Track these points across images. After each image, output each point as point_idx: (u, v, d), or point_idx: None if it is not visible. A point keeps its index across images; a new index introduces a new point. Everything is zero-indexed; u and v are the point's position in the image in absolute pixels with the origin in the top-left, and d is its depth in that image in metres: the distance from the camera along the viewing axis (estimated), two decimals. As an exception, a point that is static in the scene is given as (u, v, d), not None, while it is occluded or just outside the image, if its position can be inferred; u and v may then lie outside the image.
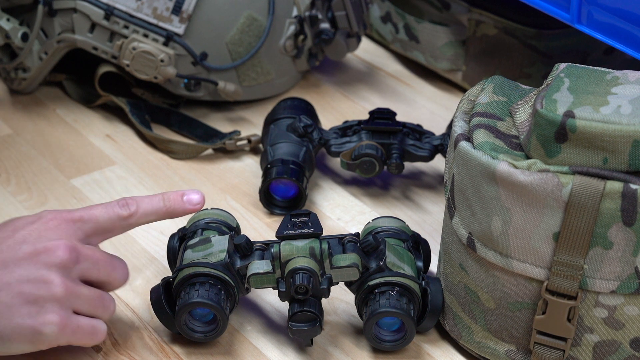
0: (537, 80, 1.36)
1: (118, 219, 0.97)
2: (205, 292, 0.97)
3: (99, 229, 0.97)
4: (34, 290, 0.91)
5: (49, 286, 0.91)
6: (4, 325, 0.91)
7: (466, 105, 0.99)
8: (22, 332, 0.91)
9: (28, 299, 0.91)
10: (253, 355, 1.01)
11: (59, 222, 0.95)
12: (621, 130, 0.87)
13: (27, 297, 0.91)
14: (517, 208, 0.91)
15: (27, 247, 0.92)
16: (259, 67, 1.34)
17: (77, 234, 0.95)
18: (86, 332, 0.94)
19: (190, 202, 0.99)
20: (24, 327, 0.91)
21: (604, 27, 1.15)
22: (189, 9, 1.27)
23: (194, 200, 0.99)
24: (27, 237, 0.93)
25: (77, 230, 0.95)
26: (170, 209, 0.99)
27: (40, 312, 0.91)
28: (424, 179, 1.26)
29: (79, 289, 0.93)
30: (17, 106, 1.36)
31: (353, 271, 0.98)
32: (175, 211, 0.99)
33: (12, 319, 0.91)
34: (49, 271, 0.92)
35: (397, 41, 1.46)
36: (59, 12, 1.28)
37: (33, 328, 0.91)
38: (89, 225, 0.96)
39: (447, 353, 1.02)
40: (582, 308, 0.93)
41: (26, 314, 0.91)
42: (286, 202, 1.19)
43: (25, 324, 0.91)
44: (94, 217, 0.96)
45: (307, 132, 1.20)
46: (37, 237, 0.93)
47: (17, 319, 0.91)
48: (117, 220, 0.97)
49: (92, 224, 0.96)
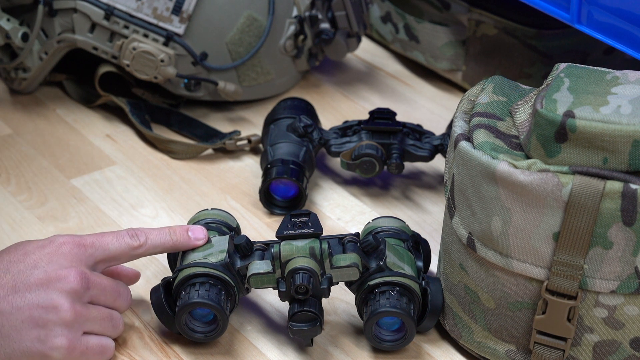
0: (537, 80, 1.36)
1: (127, 248, 0.99)
2: (206, 292, 0.97)
3: (108, 256, 0.99)
4: (44, 315, 0.93)
5: (59, 311, 0.93)
6: (13, 349, 0.92)
7: (466, 105, 0.99)
8: (31, 355, 0.93)
9: (37, 323, 0.92)
10: (253, 355, 1.01)
11: (71, 247, 0.97)
12: (621, 130, 0.87)
13: (36, 321, 0.92)
14: (517, 208, 0.91)
15: (39, 273, 0.94)
16: (259, 67, 1.34)
17: (87, 261, 0.97)
18: (95, 352, 0.96)
19: (195, 238, 1.02)
20: (33, 351, 0.93)
21: (604, 27, 1.15)
22: (189, 9, 1.27)
23: (198, 237, 1.02)
24: (38, 262, 0.95)
25: (88, 257, 0.97)
26: (176, 243, 1.01)
27: (48, 336, 0.93)
28: (424, 179, 1.26)
29: (88, 311, 0.95)
30: (17, 106, 1.36)
31: (353, 271, 0.98)
32: (181, 246, 1.02)
33: (21, 342, 0.92)
34: (59, 297, 0.93)
35: (397, 41, 1.46)
36: (59, 12, 1.28)
37: (41, 352, 0.93)
38: (99, 253, 0.98)
39: (447, 353, 1.02)
40: (582, 308, 0.93)
41: (35, 337, 0.92)
42: (286, 202, 1.19)
43: (34, 348, 0.93)
44: (105, 245, 0.98)
45: (307, 132, 1.20)
46: (48, 262, 0.95)
47: (26, 342, 0.92)
48: (126, 249, 0.99)
49: (102, 251, 0.98)
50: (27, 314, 0.92)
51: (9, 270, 0.94)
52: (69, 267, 0.95)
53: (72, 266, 0.95)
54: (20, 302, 0.93)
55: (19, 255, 0.96)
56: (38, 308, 0.93)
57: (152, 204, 1.20)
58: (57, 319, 0.93)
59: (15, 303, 0.92)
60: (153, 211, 1.19)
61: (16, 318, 0.92)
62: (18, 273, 0.94)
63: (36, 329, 0.92)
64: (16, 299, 0.93)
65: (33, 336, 0.92)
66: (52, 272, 0.94)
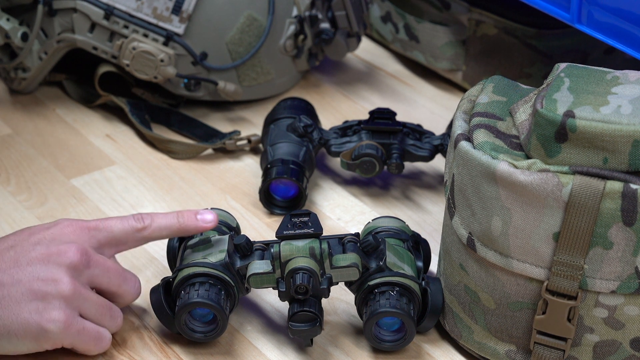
0: (537, 80, 1.36)
1: (132, 231, 0.99)
2: (205, 292, 0.97)
3: (113, 239, 0.99)
4: (43, 287, 0.93)
5: (57, 284, 0.93)
6: (12, 321, 0.93)
7: (466, 105, 0.99)
8: (28, 327, 0.93)
9: (36, 295, 0.93)
10: (253, 355, 1.01)
11: (75, 228, 0.98)
12: (621, 130, 0.87)
13: (35, 293, 0.93)
14: (517, 208, 0.91)
15: (41, 249, 0.95)
16: (259, 67, 1.34)
17: (91, 242, 0.98)
18: (91, 337, 0.96)
19: (203, 220, 1.01)
20: (30, 323, 0.93)
21: (604, 27, 1.15)
22: (189, 8, 1.27)
23: (207, 219, 1.01)
24: (41, 240, 0.96)
25: (91, 238, 0.98)
26: (183, 226, 1.01)
27: (46, 309, 0.93)
28: (424, 179, 1.26)
29: (87, 292, 0.95)
30: (17, 106, 1.36)
31: (353, 271, 0.98)
32: (189, 228, 1.01)
33: (19, 314, 0.93)
34: (59, 270, 0.94)
35: (397, 41, 1.46)
36: (58, 12, 1.28)
37: (38, 324, 0.93)
38: (103, 235, 0.98)
39: (447, 353, 1.02)
40: (582, 308, 0.93)
41: (33, 309, 0.93)
42: (286, 202, 1.19)
43: (32, 319, 0.93)
44: (109, 227, 0.99)
45: (307, 132, 1.20)
46: (51, 239, 0.96)
47: (24, 314, 0.93)
48: (131, 232, 0.99)
49: (107, 233, 0.99)
50: (27, 286, 0.93)
51: (13, 248, 0.96)
52: (70, 243, 0.96)
53: (73, 242, 0.96)
54: (21, 275, 0.93)
55: (24, 235, 0.97)
56: (38, 281, 0.93)
57: (152, 204, 1.20)
58: (56, 292, 0.93)
59: (17, 276, 0.93)
60: (153, 211, 1.18)
61: (16, 290, 0.93)
62: (21, 249, 0.95)
63: (35, 301, 0.93)
64: (17, 272, 0.94)
65: (32, 308, 0.93)
66: (54, 248, 0.95)
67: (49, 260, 0.94)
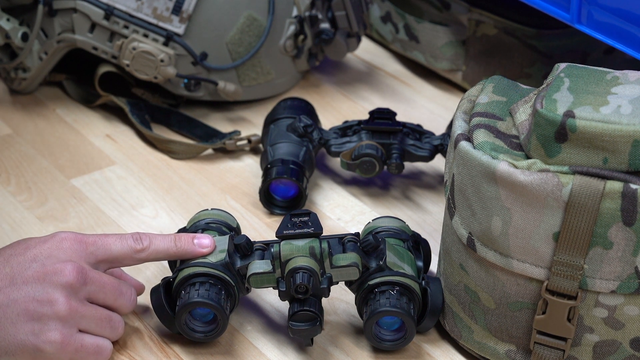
0: (537, 80, 1.36)
1: (130, 251, 0.99)
2: (206, 292, 0.97)
3: (110, 257, 0.99)
4: (39, 308, 0.93)
5: (53, 305, 0.93)
6: (8, 342, 0.93)
7: (466, 105, 0.99)
8: (25, 349, 0.93)
9: (32, 316, 0.93)
10: (253, 355, 1.01)
11: (71, 243, 0.97)
12: (621, 130, 0.87)
13: (31, 314, 0.93)
14: (517, 208, 0.91)
15: (37, 266, 0.94)
16: (259, 67, 1.34)
17: (88, 258, 0.97)
18: (90, 352, 0.96)
19: (200, 245, 1.00)
20: (26, 344, 0.93)
21: (604, 27, 1.15)
22: (189, 9, 1.27)
23: (203, 244, 1.01)
24: (37, 256, 0.95)
25: (89, 255, 0.97)
26: (180, 250, 1.00)
27: (42, 330, 0.93)
28: (424, 179, 1.26)
29: (85, 308, 0.95)
30: (17, 106, 1.36)
31: (353, 270, 0.98)
32: (185, 253, 1.00)
33: (16, 335, 0.93)
34: (55, 290, 0.93)
35: (397, 41, 1.46)
36: (59, 12, 1.28)
37: (35, 346, 0.93)
38: (101, 252, 0.98)
39: (447, 353, 1.02)
40: (582, 308, 0.93)
41: (29, 331, 0.93)
42: (286, 202, 1.19)
43: (28, 341, 0.93)
44: (108, 245, 0.98)
45: (307, 132, 1.20)
46: (47, 256, 0.95)
47: (20, 335, 0.93)
48: (129, 252, 0.99)
49: (104, 251, 0.98)
50: (23, 307, 0.93)
51: (8, 263, 0.95)
52: (66, 261, 0.95)
53: (69, 260, 0.95)
54: (17, 294, 0.93)
55: (21, 249, 0.96)
56: (34, 301, 0.93)
57: (152, 204, 1.20)
58: (52, 313, 0.93)
59: (12, 295, 0.93)
60: (153, 211, 1.19)
61: (12, 310, 0.93)
62: (17, 265, 0.94)
63: (31, 322, 0.93)
64: (13, 292, 0.93)
65: (28, 329, 0.93)
66: (50, 266, 0.94)
67: (45, 279, 0.94)
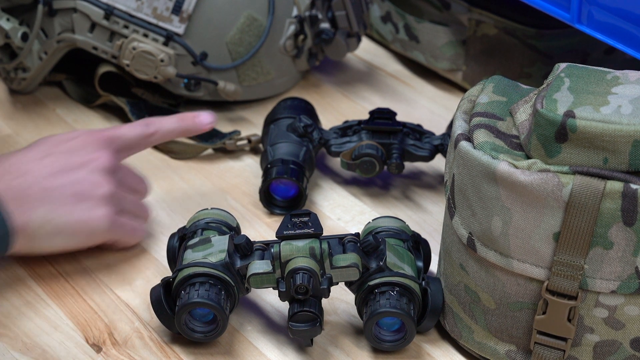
0: (538, 80, 1.36)
1: (143, 137, 1.11)
2: (205, 292, 0.97)
3: (126, 145, 1.11)
4: (87, 190, 1.05)
5: (99, 187, 1.05)
6: (64, 221, 1.04)
7: (466, 105, 0.99)
8: (79, 226, 1.05)
9: (83, 197, 1.05)
10: (253, 355, 1.01)
11: (94, 139, 1.08)
12: (621, 130, 0.87)
13: (81, 196, 1.05)
14: (517, 208, 0.91)
15: (75, 157, 1.06)
16: (259, 67, 1.34)
17: (111, 149, 1.09)
18: (129, 230, 1.09)
19: (201, 122, 1.14)
20: (80, 222, 1.05)
21: (604, 27, 1.15)
22: (189, 8, 1.27)
23: (204, 121, 1.14)
24: (71, 148, 1.07)
25: (110, 146, 1.09)
26: (185, 128, 1.14)
27: (94, 208, 1.05)
28: (424, 179, 1.26)
29: (122, 192, 1.08)
30: (17, 106, 1.36)
31: (353, 271, 0.98)
32: (190, 130, 1.14)
33: (71, 214, 1.04)
34: (97, 175, 1.06)
35: (397, 41, 1.46)
36: (58, 12, 1.28)
37: (88, 222, 1.05)
38: (118, 143, 1.10)
39: (447, 353, 1.02)
40: (583, 308, 0.93)
41: (85, 208, 1.04)
42: (286, 202, 1.19)
43: (82, 218, 1.05)
44: (123, 135, 1.10)
45: (307, 132, 1.20)
46: (80, 147, 1.07)
47: (75, 214, 1.04)
48: (142, 138, 1.12)
49: (121, 141, 1.10)
50: (72, 190, 1.04)
51: (48, 157, 1.06)
52: (99, 150, 1.07)
53: (102, 149, 1.08)
54: (64, 180, 1.04)
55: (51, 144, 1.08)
56: (81, 184, 1.05)
57: (152, 203, 1.20)
58: (99, 194, 1.05)
59: (60, 181, 1.04)
60: (153, 211, 1.18)
61: (62, 194, 1.04)
62: (56, 158, 1.06)
63: (82, 202, 1.04)
64: (59, 178, 1.04)
65: (81, 208, 1.04)
66: (86, 155, 1.06)
67: (85, 166, 1.06)
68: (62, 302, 1.06)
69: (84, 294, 1.07)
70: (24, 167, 1.04)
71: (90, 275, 1.09)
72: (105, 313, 1.05)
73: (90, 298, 1.07)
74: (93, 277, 1.09)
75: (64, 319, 1.04)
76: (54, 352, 1.00)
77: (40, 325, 1.03)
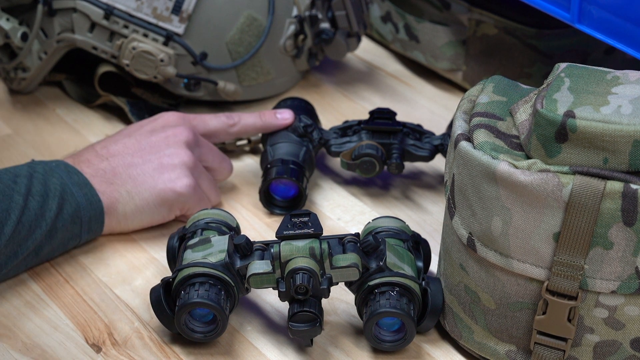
0: (538, 80, 1.36)
1: (224, 125, 1.20)
2: (205, 292, 0.97)
3: (209, 131, 1.19)
4: (170, 161, 1.12)
5: (181, 157, 1.12)
6: (150, 193, 1.11)
7: (466, 105, 0.99)
8: (164, 196, 1.11)
9: (166, 168, 1.11)
10: (253, 355, 1.01)
11: (177, 117, 1.16)
12: (621, 130, 0.87)
13: (165, 167, 1.11)
14: (517, 208, 0.91)
15: (158, 134, 1.14)
16: (259, 67, 1.34)
17: (191, 126, 1.16)
18: (204, 203, 1.14)
19: (283, 118, 1.21)
20: (166, 191, 1.11)
21: (605, 27, 1.15)
22: (189, 8, 1.27)
23: (285, 117, 1.21)
24: (154, 128, 1.14)
25: (192, 127, 1.16)
26: (266, 123, 1.21)
27: (178, 177, 1.11)
28: (424, 179, 1.26)
29: (201, 166, 1.15)
30: (17, 106, 1.36)
31: (353, 271, 0.98)
32: (271, 125, 1.21)
33: (156, 185, 1.11)
34: (179, 147, 1.13)
35: (397, 41, 1.46)
36: (58, 12, 1.28)
37: (173, 190, 1.11)
38: (201, 126, 1.18)
39: (448, 353, 1.02)
40: (583, 308, 0.93)
41: (167, 179, 1.11)
42: (286, 202, 1.19)
43: (167, 187, 1.11)
44: (205, 120, 1.19)
45: (307, 132, 1.20)
46: (162, 126, 1.15)
47: (160, 185, 1.11)
48: (224, 127, 1.20)
49: (204, 125, 1.18)
50: (157, 163, 1.11)
51: (131, 136, 1.13)
52: (180, 125, 1.15)
53: (182, 125, 1.15)
54: (148, 155, 1.12)
55: (135, 128, 1.15)
56: (165, 156, 1.12)
57: (151, 204, 1.20)
58: (182, 163, 1.12)
59: (146, 156, 1.12)
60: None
61: (148, 167, 1.11)
62: (140, 137, 1.13)
63: (167, 173, 1.11)
64: (145, 154, 1.12)
65: (165, 178, 1.11)
66: (169, 131, 1.13)
67: (169, 140, 1.13)
68: (61, 302, 1.06)
69: (83, 294, 1.07)
70: (108, 150, 1.12)
71: (90, 276, 1.09)
72: (105, 313, 1.05)
73: (90, 298, 1.07)
74: (93, 277, 1.09)
75: (63, 319, 1.04)
76: (54, 353, 1.00)
77: (40, 325, 1.03)
